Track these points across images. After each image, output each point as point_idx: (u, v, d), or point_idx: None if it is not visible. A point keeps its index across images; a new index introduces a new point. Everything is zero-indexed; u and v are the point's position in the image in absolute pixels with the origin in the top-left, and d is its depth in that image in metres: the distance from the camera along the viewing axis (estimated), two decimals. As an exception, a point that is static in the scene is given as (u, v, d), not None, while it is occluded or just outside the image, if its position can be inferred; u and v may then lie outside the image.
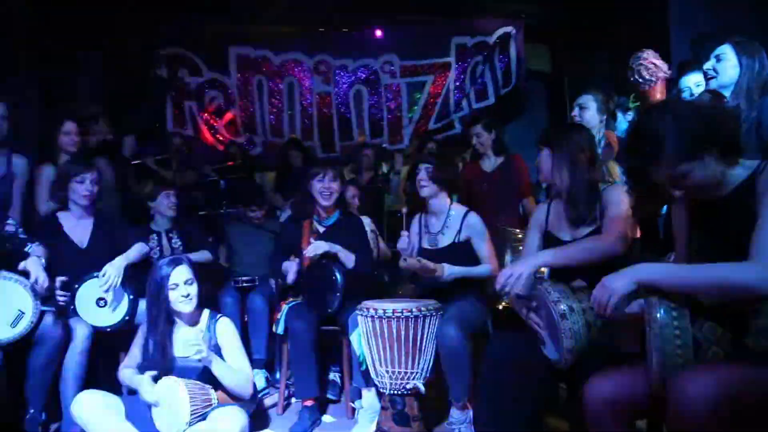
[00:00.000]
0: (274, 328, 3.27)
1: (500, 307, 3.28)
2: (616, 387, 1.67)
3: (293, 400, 3.34)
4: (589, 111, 3.29)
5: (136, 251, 3.15)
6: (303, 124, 6.61)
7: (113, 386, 2.78)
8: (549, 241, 2.33)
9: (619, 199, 2.19)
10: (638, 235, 2.72)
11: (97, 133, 4.27)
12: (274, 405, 3.33)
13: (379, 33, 6.55)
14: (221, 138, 6.48)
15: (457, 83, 6.53)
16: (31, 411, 2.68)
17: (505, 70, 6.35)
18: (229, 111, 6.57)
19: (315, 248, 3.15)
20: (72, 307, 2.93)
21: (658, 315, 1.49)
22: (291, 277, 3.17)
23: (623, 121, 3.81)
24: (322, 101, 6.64)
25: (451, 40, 6.51)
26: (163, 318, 2.64)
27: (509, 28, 6.32)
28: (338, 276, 3.07)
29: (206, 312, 2.82)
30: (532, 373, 2.11)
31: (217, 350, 2.69)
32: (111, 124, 4.47)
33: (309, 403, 3.03)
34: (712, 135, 1.54)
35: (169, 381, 2.51)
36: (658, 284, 1.54)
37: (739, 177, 1.58)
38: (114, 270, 2.96)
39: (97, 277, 2.96)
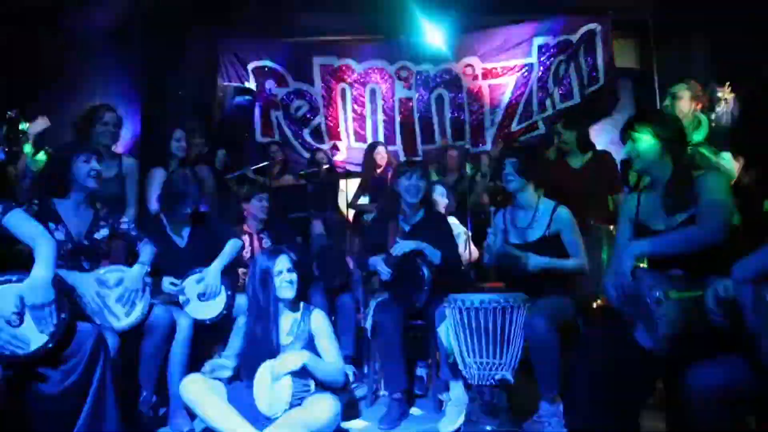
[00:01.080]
0: (362, 323, 3.37)
1: (594, 305, 3.23)
2: (724, 375, 1.62)
3: (381, 392, 3.42)
4: (683, 100, 3.17)
5: (230, 249, 3.34)
6: (385, 129, 6.72)
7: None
8: (642, 231, 2.27)
9: (715, 186, 2.11)
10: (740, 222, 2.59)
11: (194, 145, 4.57)
12: (364, 397, 3.42)
13: (460, 36, 6.56)
14: (307, 145, 6.73)
15: (540, 83, 6.42)
16: (144, 393, 2.90)
17: (591, 69, 6.19)
18: (314, 119, 6.80)
19: (401, 247, 3.21)
20: (177, 300, 3.15)
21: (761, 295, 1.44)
22: (385, 275, 3.25)
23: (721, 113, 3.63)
24: (404, 106, 6.73)
25: (533, 40, 6.43)
26: (272, 305, 2.81)
27: (593, 25, 6.17)
28: (425, 272, 3.12)
29: (300, 304, 2.96)
30: (627, 368, 2.07)
31: (310, 339, 2.82)
32: (205, 136, 4.81)
33: (397, 395, 3.09)
34: None
35: (272, 365, 2.65)
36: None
37: None
38: (212, 278, 3.20)
39: (198, 272, 3.18)
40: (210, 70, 6.54)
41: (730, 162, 2.86)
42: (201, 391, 2.64)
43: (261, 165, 5.25)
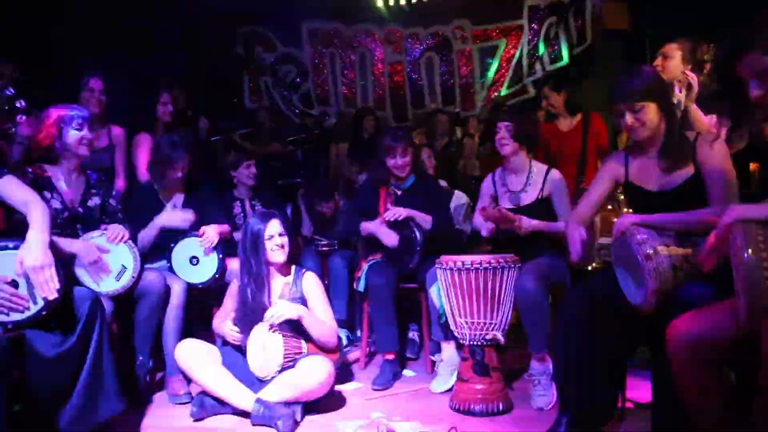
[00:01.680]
0: (355, 286, 3.40)
1: (590, 268, 3.26)
2: (700, 328, 1.63)
3: (374, 355, 3.48)
4: (674, 60, 3.15)
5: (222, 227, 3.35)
6: (375, 93, 6.68)
7: (206, 338, 2.98)
8: (632, 191, 2.28)
9: (717, 154, 2.08)
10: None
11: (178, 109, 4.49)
12: (357, 360, 3.48)
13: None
14: (296, 111, 6.67)
15: (531, 46, 6.38)
16: (140, 358, 2.92)
17: (580, 29, 6.13)
18: (303, 84, 6.73)
19: (393, 214, 3.22)
20: (168, 264, 3.16)
21: (745, 256, 1.46)
22: (391, 240, 3.28)
23: None
24: (393, 70, 6.68)
25: (524, 1, 6.35)
26: (263, 268, 2.82)
27: (585, -14, 6.11)
28: (417, 235, 3.15)
29: (292, 267, 2.98)
30: (614, 324, 2.11)
31: (303, 302, 2.85)
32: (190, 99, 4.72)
33: (390, 356, 3.16)
34: None
35: (264, 327, 2.68)
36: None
37: None
38: (212, 231, 3.19)
39: (191, 236, 3.18)
40: (196, 35, 6.40)
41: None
42: (195, 355, 2.67)
43: (248, 131, 5.20)
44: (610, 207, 3.44)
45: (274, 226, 2.85)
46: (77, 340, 2.21)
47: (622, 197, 3.19)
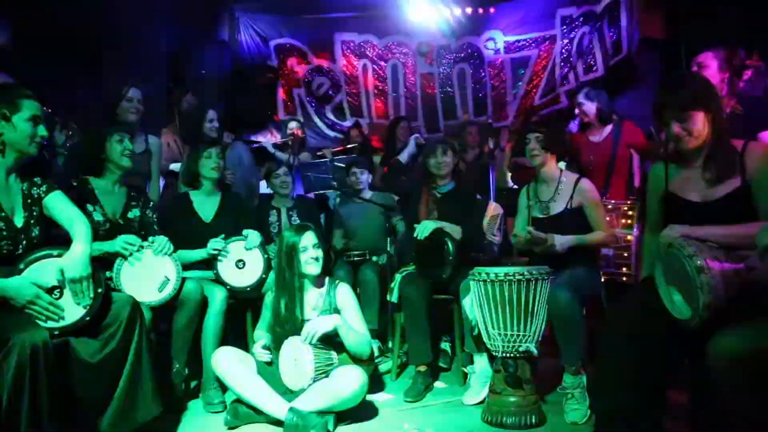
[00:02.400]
0: (388, 297, 3.42)
1: (624, 278, 3.22)
2: (743, 343, 1.60)
3: (406, 366, 3.48)
4: (710, 69, 3.10)
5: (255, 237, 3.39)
6: (407, 105, 6.71)
7: (242, 346, 3.03)
8: (673, 203, 2.18)
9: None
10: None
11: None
12: (389, 371, 3.48)
13: (481, 10, 6.48)
14: (329, 123, 6.75)
15: (563, 56, 6.31)
16: (177, 366, 2.99)
17: (615, 41, 6.05)
18: (336, 96, 6.80)
19: (423, 229, 3.23)
20: (214, 270, 3.19)
21: None
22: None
23: None
24: (425, 82, 6.70)
25: (557, 12, 6.31)
26: (296, 281, 2.87)
27: (618, -5, 6.03)
28: (449, 246, 3.15)
29: (325, 278, 3.01)
30: (653, 341, 2.06)
31: (336, 313, 2.87)
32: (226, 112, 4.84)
33: (422, 368, 3.16)
34: None
35: (295, 341, 2.72)
36: None
37: None
38: (255, 234, 3.28)
39: (239, 240, 3.24)
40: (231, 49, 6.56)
41: None
42: (231, 363, 2.72)
43: (281, 141, 5.28)
44: (610, 207, 3.40)
45: (309, 239, 2.89)
46: (118, 346, 2.28)
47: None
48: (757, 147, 2.06)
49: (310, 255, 2.87)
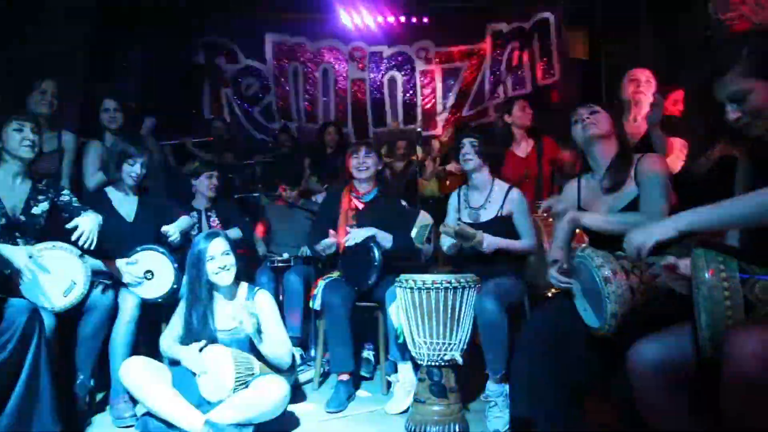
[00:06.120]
0: (310, 304, 3.33)
1: (549, 293, 3.27)
2: (663, 350, 1.63)
3: (329, 375, 3.40)
4: (642, 83, 3.27)
5: (185, 223, 3.30)
6: (337, 110, 6.66)
7: (155, 356, 2.85)
8: None
9: (657, 169, 2.18)
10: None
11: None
12: (310, 380, 3.39)
13: (414, 19, 6.54)
14: (256, 125, 6.59)
15: (493, 70, 6.47)
16: (81, 377, 2.76)
17: (545, 60, 6.23)
18: (265, 98, 6.66)
19: (353, 237, 3.20)
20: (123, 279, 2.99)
21: (706, 276, 1.45)
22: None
23: None
24: (356, 88, 6.68)
25: (487, 26, 6.45)
26: (204, 291, 2.71)
27: (547, 14, 6.23)
28: (376, 254, 3.12)
29: (245, 285, 2.88)
30: (572, 349, 2.11)
31: (256, 321, 2.74)
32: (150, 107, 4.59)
33: (344, 377, 3.09)
34: None
35: (214, 349, 2.58)
36: (700, 230, 1.52)
37: None
38: (174, 228, 3.16)
39: (146, 250, 3.05)
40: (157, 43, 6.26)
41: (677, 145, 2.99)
42: (143, 374, 2.54)
43: (202, 140, 5.08)
44: (552, 219, 3.49)
45: (217, 246, 2.72)
46: (9, 355, 2.07)
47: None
48: (649, 158, 2.25)
49: (218, 264, 2.70)
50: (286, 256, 3.93)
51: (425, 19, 6.55)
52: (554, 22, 6.18)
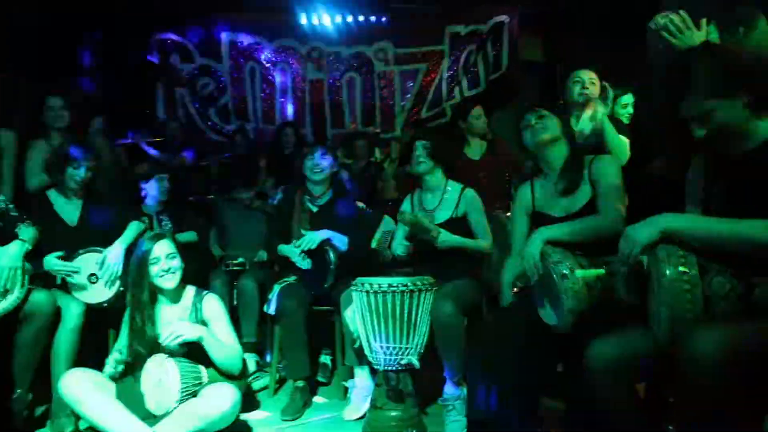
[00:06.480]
0: (265, 309, 3.26)
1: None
2: (619, 348, 1.65)
3: (284, 381, 3.32)
4: (589, 84, 3.30)
5: (133, 231, 3.14)
6: (295, 111, 6.56)
7: (101, 366, 2.72)
8: (540, 220, 2.31)
9: (612, 171, 2.22)
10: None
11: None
12: (265, 387, 3.31)
13: (373, 20, 6.50)
14: (212, 125, 6.44)
15: (451, 72, 6.48)
16: (18, 391, 2.62)
17: (496, 57, 6.32)
18: (221, 98, 6.51)
19: (309, 242, 3.16)
20: (65, 283, 2.88)
21: (668, 271, 1.47)
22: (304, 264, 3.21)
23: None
24: (314, 88, 6.59)
25: (446, 28, 6.47)
26: (146, 295, 2.60)
27: (503, 17, 6.29)
28: (331, 256, 3.09)
29: (191, 289, 2.76)
30: (529, 350, 2.09)
31: (204, 326, 2.64)
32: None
33: (300, 383, 3.03)
34: (745, 79, 1.54)
35: (158, 359, 2.46)
36: (682, 234, 1.53)
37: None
38: (114, 259, 2.97)
39: (89, 252, 2.93)
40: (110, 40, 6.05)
41: (626, 146, 3.01)
42: (85, 388, 2.40)
43: (154, 140, 4.93)
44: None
45: (162, 248, 2.61)
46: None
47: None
48: (602, 159, 2.29)
49: (161, 267, 2.59)
50: (241, 260, 3.84)
51: (384, 20, 6.51)
52: (510, 25, 6.24)
